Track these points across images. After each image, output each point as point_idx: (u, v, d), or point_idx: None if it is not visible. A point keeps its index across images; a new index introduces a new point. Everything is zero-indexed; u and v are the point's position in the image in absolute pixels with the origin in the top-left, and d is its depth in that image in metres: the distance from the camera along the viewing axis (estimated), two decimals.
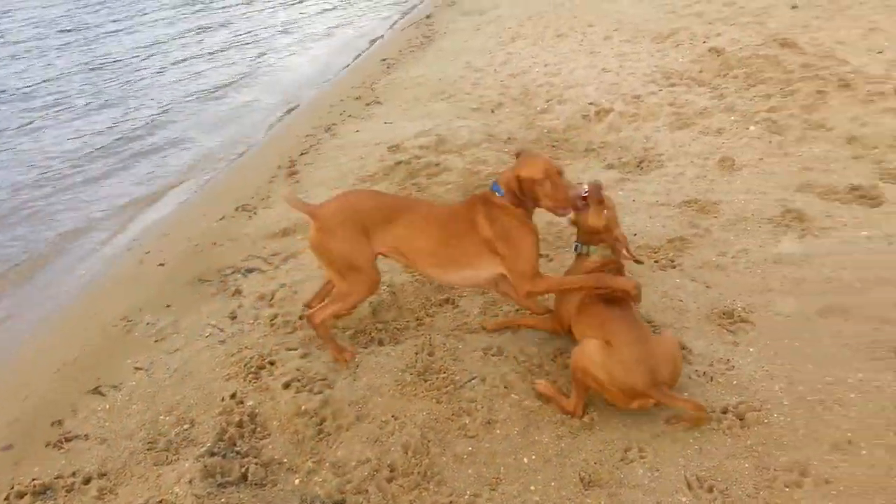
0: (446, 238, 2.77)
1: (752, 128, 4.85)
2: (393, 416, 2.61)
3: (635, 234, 3.76)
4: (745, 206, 3.95)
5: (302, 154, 5.62)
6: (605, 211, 2.79)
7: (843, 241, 3.45)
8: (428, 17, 11.09)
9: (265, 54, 10.21)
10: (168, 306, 3.59)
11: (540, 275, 2.73)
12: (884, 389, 2.43)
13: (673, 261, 3.49)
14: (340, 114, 6.63)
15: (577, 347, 2.49)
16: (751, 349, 2.81)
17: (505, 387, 2.68)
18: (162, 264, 4.11)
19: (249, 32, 11.83)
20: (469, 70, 7.33)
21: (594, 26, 8.33)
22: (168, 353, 3.17)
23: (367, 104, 6.87)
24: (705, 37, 7.09)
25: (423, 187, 4.56)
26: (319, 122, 6.45)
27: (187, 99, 8.12)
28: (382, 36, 10.85)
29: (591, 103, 5.76)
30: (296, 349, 3.06)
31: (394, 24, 11.57)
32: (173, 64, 9.85)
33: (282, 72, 9.30)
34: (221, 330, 3.29)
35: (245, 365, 2.97)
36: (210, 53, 10.38)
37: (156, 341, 3.29)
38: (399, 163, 5.01)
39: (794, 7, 7.68)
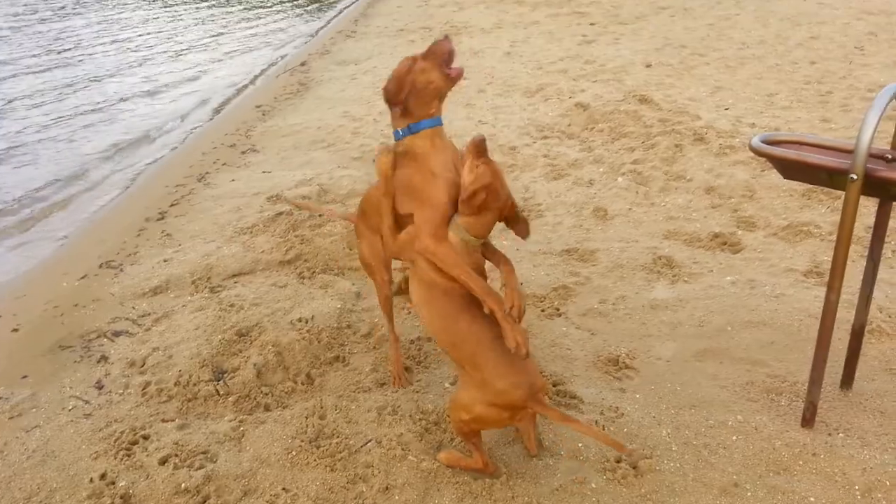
0: None
1: (619, 179, 5.16)
2: (284, 489, 2.44)
3: (521, 283, 3.84)
4: (620, 253, 4.16)
5: (172, 205, 5.32)
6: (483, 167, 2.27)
7: (711, 286, 3.71)
8: (303, 64, 11.02)
9: (126, 99, 9.69)
10: (24, 377, 3.21)
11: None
12: (761, 430, 2.58)
13: (558, 309, 3.59)
14: (214, 162, 6.36)
15: (449, 406, 2.39)
16: (637, 395, 2.91)
17: (402, 448, 2.60)
18: (16, 329, 3.69)
19: (105, 72, 11.21)
20: (348, 119, 7.31)
21: (467, 79, 8.60)
22: (25, 431, 2.82)
23: (243, 152, 6.65)
24: (571, 92, 7.53)
25: (307, 239, 4.43)
26: (191, 171, 6.15)
27: (31, 141, 7.51)
28: (254, 82, 10.64)
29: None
30: (172, 420, 2.82)
31: (264, 70, 11.38)
32: (16, 99, 9.15)
33: (143, 117, 8.82)
34: (87, 402, 2.98)
35: (115, 441, 2.70)
36: (62, 89, 9.74)
37: (10, 418, 2.91)
38: (280, 213, 4.85)
39: (648, 66, 8.36)
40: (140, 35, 15.15)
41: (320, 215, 4.66)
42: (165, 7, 20.13)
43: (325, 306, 3.61)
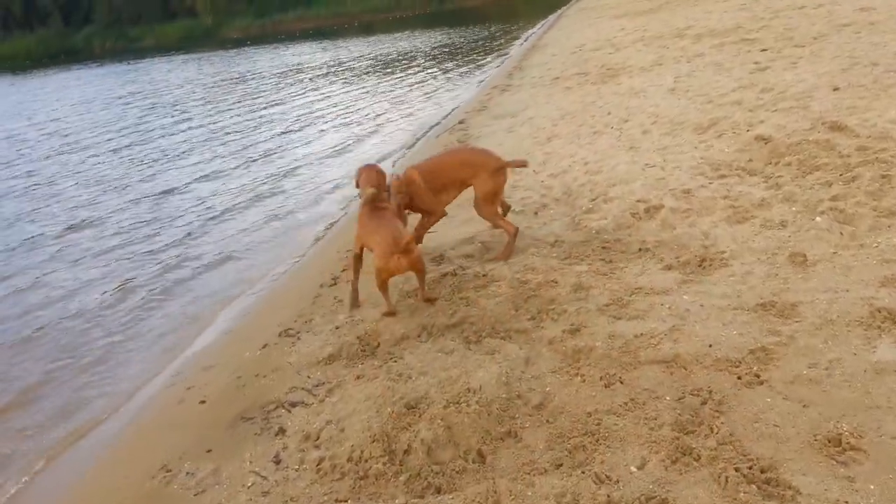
0: None
1: (818, 219, 4.55)
2: None
3: (710, 346, 3.42)
4: (828, 307, 3.59)
5: (343, 269, 5.47)
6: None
7: None
8: (461, 122, 11.23)
9: (300, 168, 10.41)
10: (209, 451, 3.33)
11: None
12: None
13: (758, 376, 3.13)
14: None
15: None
16: (871, 486, 2.40)
17: None
18: (203, 402, 3.88)
19: (279, 145, 12.16)
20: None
21: (629, 121, 8.26)
22: None
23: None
24: (748, 125, 6.91)
25: (472, 301, 4.31)
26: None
27: (212, 219, 8.21)
28: (414, 145, 11.00)
29: (638, 200, 5.54)
30: (345, 501, 2.75)
31: (427, 132, 11.75)
32: (204, 176, 10.15)
33: (320, 184, 9.40)
34: (265, 478, 3.01)
35: None
36: (244, 163, 10.69)
37: (195, 495, 3.01)
38: (445, 275, 4.80)
39: (835, 89, 7.51)
40: (313, 103, 16.45)
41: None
42: (320, 85, 21.75)
43: (492, 374, 3.42)
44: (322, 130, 13.59)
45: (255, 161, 11.40)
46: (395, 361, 3.78)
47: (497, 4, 69.47)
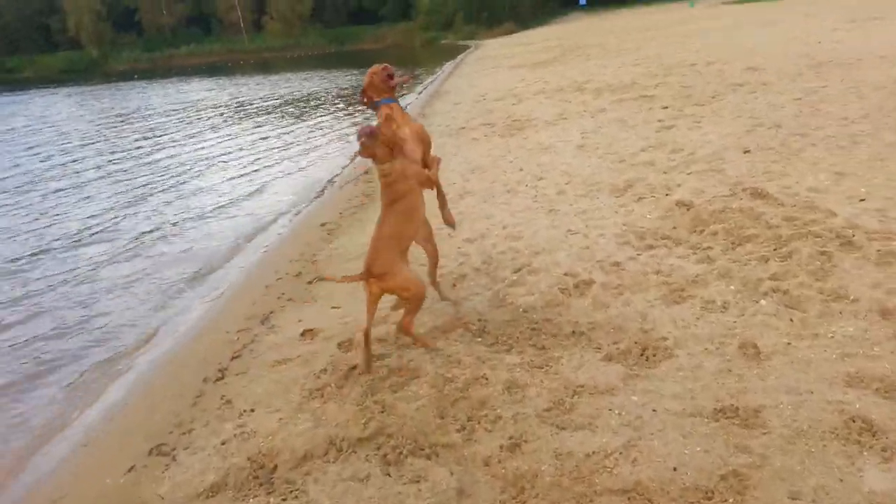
0: None
1: (762, 301, 4.22)
2: None
3: (675, 469, 2.92)
4: (795, 412, 3.19)
5: (234, 357, 4.65)
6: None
7: None
8: (366, 172, 10.62)
9: (176, 223, 9.39)
10: None
11: None
12: None
13: None
14: (279, 297, 5.74)
15: None
16: None
17: None
18: None
19: (166, 199, 11.07)
20: None
21: (543, 179, 7.93)
22: None
23: (310, 282, 6.02)
24: (666, 188, 6.71)
25: (389, 406, 3.63)
26: (254, 310, 5.52)
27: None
28: (322, 194, 10.27)
29: (566, 273, 5.09)
30: None
31: (331, 181, 11.05)
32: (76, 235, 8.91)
33: (197, 240, 8.42)
34: None
35: None
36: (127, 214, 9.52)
37: None
38: (353, 367, 4.10)
39: (746, 152, 7.51)
40: (211, 145, 15.32)
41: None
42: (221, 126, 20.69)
43: None
44: (206, 185, 12.56)
45: (139, 212, 10.26)
46: (297, 497, 3.03)
47: (396, 48, 70.26)
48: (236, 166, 13.47)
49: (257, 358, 4.57)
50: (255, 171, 12.83)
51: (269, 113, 23.03)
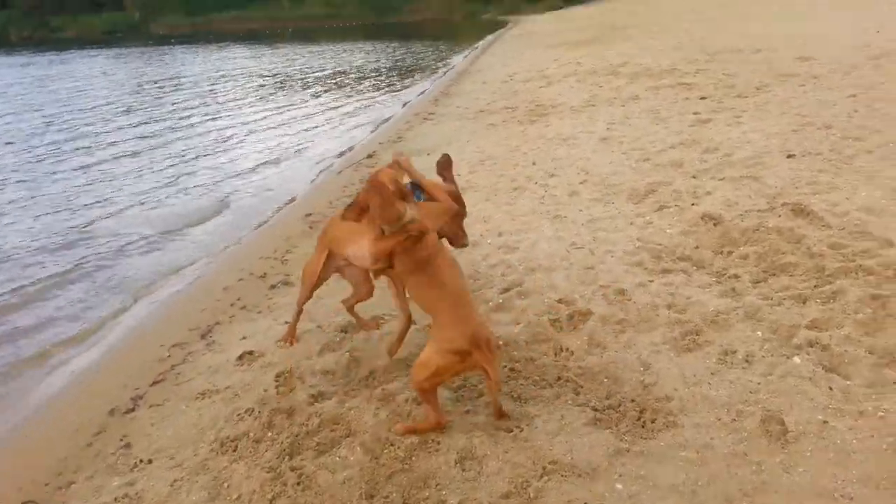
0: None
1: (796, 359, 3.36)
2: None
3: None
4: None
5: (155, 383, 3.96)
6: None
7: None
8: (369, 156, 9.85)
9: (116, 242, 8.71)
10: None
11: None
12: None
13: None
14: (233, 304, 5.03)
15: (412, 371, 3.01)
16: None
17: None
18: None
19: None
20: None
21: (556, 176, 7.06)
22: None
23: (273, 286, 5.31)
24: (693, 196, 5.81)
25: (307, 476, 2.89)
26: (201, 318, 4.83)
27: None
28: (316, 179, 9.53)
29: (560, 300, 4.27)
30: None
31: (330, 165, 10.29)
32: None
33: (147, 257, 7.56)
34: None
35: None
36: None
37: None
38: (276, 412, 3.37)
39: (790, 156, 6.53)
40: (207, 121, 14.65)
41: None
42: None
43: None
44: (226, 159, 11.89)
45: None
46: None
47: (438, 22, 69.00)
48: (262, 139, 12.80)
49: (181, 385, 3.87)
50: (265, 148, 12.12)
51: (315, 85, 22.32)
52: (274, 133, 13.45)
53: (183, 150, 11.93)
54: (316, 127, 13.91)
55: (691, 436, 2.97)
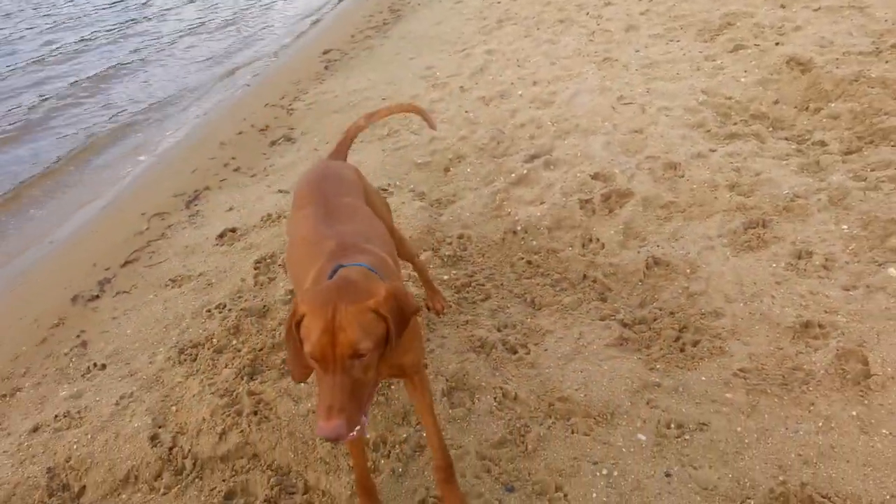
0: None
1: (891, 270, 2.60)
2: None
3: None
4: None
5: (126, 263, 3.51)
6: None
7: None
8: None
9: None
10: None
11: None
12: None
13: None
14: (226, 164, 4.47)
15: None
16: None
17: None
18: None
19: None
20: (427, 83, 5.07)
21: (613, 4, 5.92)
22: None
23: (273, 142, 4.68)
24: (778, 32, 4.70)
25: (265, 403, 2.44)
26: (190, 181, 4.32)
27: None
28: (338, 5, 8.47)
29: (595, 175, 3.52)
30: None
31: None
32: None
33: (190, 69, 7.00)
34: None
35: None
36: None
37: None
38: (247, 313, 2.89)
39: None
40: None
41: None
42: None
43: None
44: None
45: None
46: None
47: None
48: None
49: (153, 268, 3.41)
50: None
51: None
52: None
53: None
54: None
55: (742, 370, 2.36)
